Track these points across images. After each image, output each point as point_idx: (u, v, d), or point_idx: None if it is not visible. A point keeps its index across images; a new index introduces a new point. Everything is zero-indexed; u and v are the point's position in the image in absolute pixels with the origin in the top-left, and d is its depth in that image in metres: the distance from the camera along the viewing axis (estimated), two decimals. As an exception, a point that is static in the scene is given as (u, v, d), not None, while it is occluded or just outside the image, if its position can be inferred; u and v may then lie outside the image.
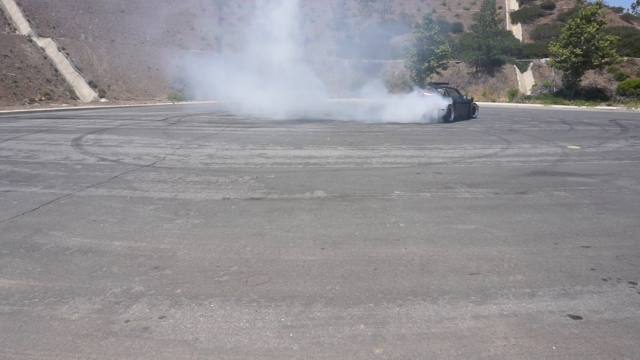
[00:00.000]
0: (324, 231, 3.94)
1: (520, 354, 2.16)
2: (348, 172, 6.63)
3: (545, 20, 45.75)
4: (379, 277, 3.02)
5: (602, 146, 9.83)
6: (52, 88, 26.84)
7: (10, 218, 4.25)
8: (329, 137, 11.00)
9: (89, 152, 8.38)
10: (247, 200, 5.01)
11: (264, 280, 2.96)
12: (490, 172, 6.70)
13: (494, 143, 10.13)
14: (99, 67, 31.19)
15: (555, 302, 2.67)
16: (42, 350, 2.19)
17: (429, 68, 36.19)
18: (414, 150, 8.84)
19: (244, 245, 3.60)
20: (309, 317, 2.49)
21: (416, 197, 5.18)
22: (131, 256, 3.35)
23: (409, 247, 3.58)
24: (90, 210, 4.54)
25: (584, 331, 2.36)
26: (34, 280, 2.94)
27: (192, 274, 3.05)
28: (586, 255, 3.42)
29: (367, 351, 2.18)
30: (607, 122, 16.86)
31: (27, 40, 29.44)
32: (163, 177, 6.17)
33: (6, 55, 26.57)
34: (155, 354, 2.15)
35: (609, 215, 4.47)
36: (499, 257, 3.36)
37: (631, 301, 2.70)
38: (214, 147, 9.18)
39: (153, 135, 11.25)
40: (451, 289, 2.84)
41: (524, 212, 4.55)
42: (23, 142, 9.67)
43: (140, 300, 2.67)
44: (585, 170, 6.87)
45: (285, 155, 8.14)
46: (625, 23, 41.72)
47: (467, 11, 49.95)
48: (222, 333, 2.33)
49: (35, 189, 5.41)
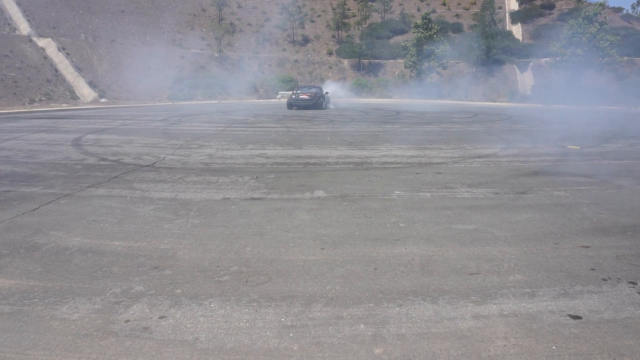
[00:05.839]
0: (324, 231, 3.94)
1: (520, 354, 2.16)
2: (348, 172, 6.63)
3: (545, 20, 45.74)
4: (379, 277, 3.02)
5: (602, 146, 9.83)
6: (52, 88, 26.84)
7: (10, 218, 4.25)
8: (329, 137, 11.00)
9: (89, 152, 8.38)
10: (247, 200, 5.01)
11: (264, 280, 2.96)
12: (490, 172, 6.70)
13: (494, 143, 10.13)
14: (99, 67, 31.19)
15: (555, 302, 2.67)
16: (42, 350, 2.19)
17: (429, 68, 36.22)
18: (414, 150, 8.84)
19: (244, 245, 3.60)
20: (309, 317, 2.49)
21: (416, 197, 5.18)
22: (131, 256, 3.35)
23: (409, 247, 3.58)
24: (90, 210, 4.54)
25: (584, 331, 2.36)
26: (34, 280, 2.95)
27: (192, 274, 3.05)
28: (586, 255, 3.42)
29: (367, 351, 2.18)
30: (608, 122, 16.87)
31: (27, 40, 29.44)
32: (163, 177, 6.17)
33: (6, 55, 26.58)
34: (155, 354, 2.15)
35: (609, 215, 4.47)
36: (499, 257, 3.37)
37: (631, 301, 2.70)
38: (214, 147, 9.18)
39: (153, 135, 11.25)
40: (451, 289, 2.84)
41: (524, 212, 4.55)
42: (23, 142, 9.67)
43: (140, 300, 2.67)
44: (585, 170, 6.87)
45: (285, 155, 8.15)
46: (625, 23, 41.73)
47: (467, 11, 49.94)
48: (222, 333, 2.33)
49: (35, 189, 5.41)
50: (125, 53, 33.22)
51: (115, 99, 28.98)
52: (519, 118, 18.60)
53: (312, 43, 47.48)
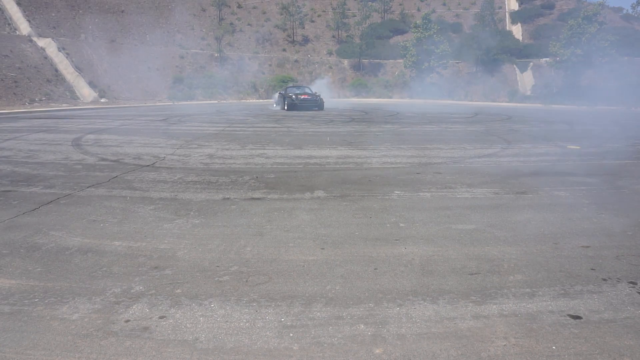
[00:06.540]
0: (324, 231, 3.94)
1: (520, 354, 2.16)
2: (348, 172, 6.63)
3: (545, 20, 45.75)
4: (379, 277, 3.02)
5: (602, 146, 9.83)
6: (52, 88, 26.84)
7: (10, 218, 4.25)
8: (329, 137, 11.00)
9: (89, 152, 8.38)
10: (247, 200, 5.01)
11: (264, 280, 2.96)
12: (490, 172, 6.70)
13: (494, 143, 10.13)
14: (99, 67, 31.20)
15: (555, 302, 2.67)
16: (42, 350, 2.19)
17: (429, 68, 36.23)
18: (414, 150, 8.84)
19: (244, 245, 3.60)
20: (309, 317, 2.49)
21: (416, 197, 5.18)
22: (131, 256, 3.35)
23: (409, 247, 3.58)
24: (90, 210, 4.54)
25: (584, 331, 2.36)
26: (34, 280, 2.94)
27: (192, 274, 3.05)
28: (586, 255, 3.42)
29: (367, 351, 2.18)
30: (609, 122, 16.87)
31: (27, 40, 29.44)
32: (163, 177, 6.17)
33: (6, 55, 26.58)
34: (155, 354, 2.15)
35: (609, 215, 4.47)
36: (499, 257, 3.36)
37: (631, 301, 2.70)
38: (214, 147, 9.18)
39: (153, 135, 11.25)
40: (451, 289, 2.84)
41: (524, 212, 4.55)
42: (23, 142, 9.67)
43: (140, 300, 2.67)
44: (585, 170, 6.87)
45: (285, 155, 8.15)
46: (625, 23, 41.72)
47: (467, 11, 49.94)
48: (222, 333, 2.33)
49: (35, 189, 5.41)
50: (125, 53, 33.20)
51: (115, 99, 28.98)
52: (519, 118, 18.60)
53: (312, 43, 47.47)
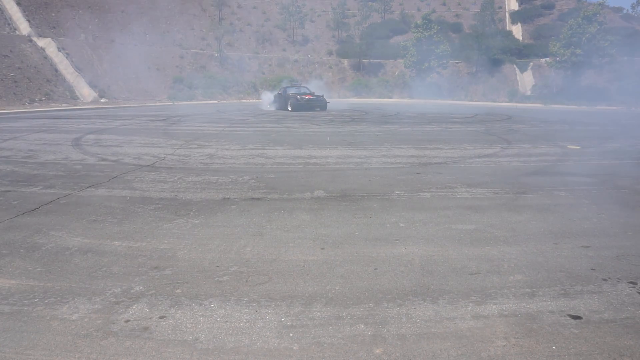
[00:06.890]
0: (324, 231, 3.94)
1: (520, 354, 2.16)
2: (348, 172, 6.63)
3: (545, 20, 45.74)
4: (379, 277, 3.02)
5: (602, 146, 9.83)
6: (52, 88, 26.84)
7: (10, 218, 4.25)
8: (329, 137, 11.00)
9: (89, 152, 8.38)
10: (247, 200, 5.01)
11: (264, 280, 2.96)
12: (490, 172, 6.70)
13: (494, 143, 10.13)
14: (99, 67, 31.19)
15: (555, 302, 2.67)
16: (42, 350, 2.19)
17: (429, 68, 36.23)
18: (414, 150, 8.84)
19: (244, 245, 3.60)
20: (309, 317, 2.49)
21: (416, 197, 5.18)
22: (131, 256, 3.35)
23: (409, 247, 3.58)
24: (90, 210, 4.54)
25: (584, 331, 2.36)
26: (34, 280, 2.94)
27: (192, 274, 3.05)
28: (586, 255, 3.42)
29: (367, 351, 2.18)
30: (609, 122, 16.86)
31: (27, 40, 29.44)
32: (163, 177, 6.17)
33: (6, 55, 26.58)
34: (155, 354, 2.15)
35: (609, 215, 4.47)
36: (499, 257, 3.36)
37: (631, 301, 2.70)
38: (214, 147, 9.18)
39: (153, 135, 11.25)
40: (451, 289, 2.84)
41: (524, 212, 4.55)
42: (23, 142, 9.67)
43: (140, 300, 2.67)
44: (585, 170, 6.87)
45: (285, 155, 8.15)
46: (625, 23, 41.72)
47: (467, 11, 49.93)
48: (222, 333, 2.33)
49: (35, 189, 5.41)
50: (125, 53, 33.18)
51: (115, 99, 28.98)
52: (519, 118, 18.60)
53: (312, 43, 47.46)
